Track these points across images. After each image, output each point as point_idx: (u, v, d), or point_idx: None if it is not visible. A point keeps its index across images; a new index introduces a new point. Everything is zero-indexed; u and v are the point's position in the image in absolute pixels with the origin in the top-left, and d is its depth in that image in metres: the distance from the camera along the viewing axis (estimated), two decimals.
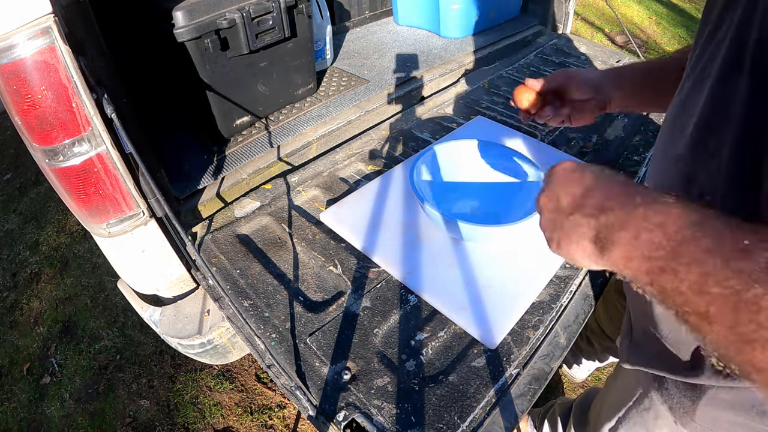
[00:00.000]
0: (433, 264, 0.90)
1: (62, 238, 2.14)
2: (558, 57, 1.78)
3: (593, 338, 1.33)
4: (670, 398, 0.60)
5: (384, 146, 1.31)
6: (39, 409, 1.52)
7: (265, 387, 1.52)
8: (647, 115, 1.40)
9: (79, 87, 0.70)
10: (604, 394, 0.88)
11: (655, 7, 4.29)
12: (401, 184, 1.09)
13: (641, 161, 1.20)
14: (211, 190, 1.16)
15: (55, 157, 0.74)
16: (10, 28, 0.63)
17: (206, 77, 1.17)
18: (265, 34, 1.22)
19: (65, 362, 1.64)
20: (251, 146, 1.29)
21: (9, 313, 1.84)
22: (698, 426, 0.57)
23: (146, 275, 0.99)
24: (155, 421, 1.45)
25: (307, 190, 1.15)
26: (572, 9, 1.96)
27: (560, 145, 1.28)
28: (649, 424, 0.67)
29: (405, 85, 1.57)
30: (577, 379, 1.50)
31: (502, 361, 0.76)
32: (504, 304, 0.82)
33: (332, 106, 1.44)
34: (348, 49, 1.82)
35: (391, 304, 0.86)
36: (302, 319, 0.84)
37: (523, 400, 0.72)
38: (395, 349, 0.79)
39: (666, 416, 0.62)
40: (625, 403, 0.71)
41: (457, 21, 1.83)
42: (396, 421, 0.68)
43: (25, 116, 0.69)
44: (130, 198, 0.84)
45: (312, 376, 0.75)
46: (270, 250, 0.99)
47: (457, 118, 1.42)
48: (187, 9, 1.07)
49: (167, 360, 1.62)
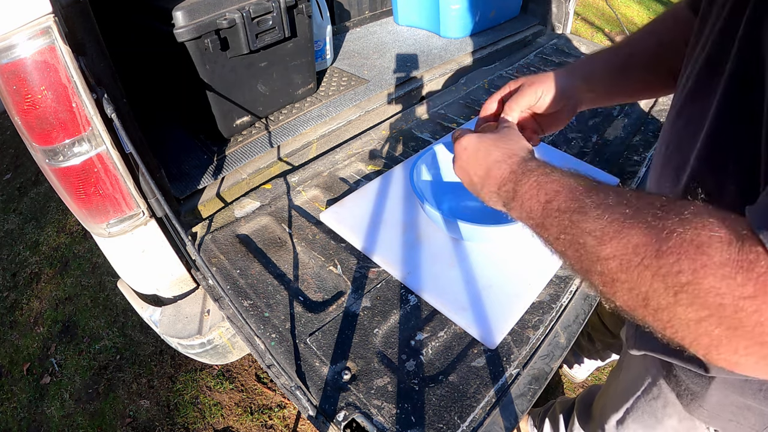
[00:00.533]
0: (433, 264, 0.90)
1: (62, 238, 2.14)
2: (558, 57, 1.78)
3: (595, 335, 1.33)
4: (678, 385, 0.60)
5: (384, 146, 1.31)
6: (39, 409, 1.52)
7: (265, 387, 1.52)
8: (647, 115, 1.40)
9: (79, 87, 0.70)
10: (608, 388, 0.88)
11: (655, 7, 4.29)
12: (401, 184, 1.09)
13: (641, 161, 1.20)
14: (211, 190, 1.16)
15: (55, 157, 0.74)
16: (10, 28, 0.63)
17: (206, 77, 1.17)
18: (265, 34, 1.22)
19: (65, 362, 1.64)
20: (251, 146, 1.29)
21: (9, 313, 1.84)
22: (705, 411, 0.57)
23: (146, 275, 0.99)
24: (155, 421, 1.45)
25: (307, 190, 1.15)
26: (572, 9, 1.96)
27: (560, 145, 1.28)
28: (658, 412, 0.67)
29: (405, 85, 1.57)
30: (577, 379, 1.50)
31: (502, 361, 0.76)
32: (504, 304, 0.82)
33: (332, 106, 1.44)
34: (348, 49, 1.82)
35: (391, 304, 0.86)
36: (302, 319, 0.84)
37: (523, 400, 0.72)
38: (395, 349, 0.79)
39: (675, 403, 0.62)
40: (633, 393, 0.71)
41: (457, 21, 1.83)
42: (396, 421, 0.68)
43: (25, 116, 0.69)
44: (130, 198, 0.84)
45: (312, 376, 0.75)
46: (270, 250, 0.99)
47: (457, 118, 1.42)
48: (187, 9, 1.07)
49: (167, 360, 1.62)
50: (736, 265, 0.29)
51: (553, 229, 0.43)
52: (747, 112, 0.37)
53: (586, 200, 0.40)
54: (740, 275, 0.28)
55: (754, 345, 0.29)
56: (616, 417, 0.78)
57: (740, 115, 0.39)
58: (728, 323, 0.29)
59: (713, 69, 0.43)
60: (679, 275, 0.31)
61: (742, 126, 0.39)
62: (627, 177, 1.15)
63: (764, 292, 0.28)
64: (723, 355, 0.31)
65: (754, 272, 0.28)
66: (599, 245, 0.36)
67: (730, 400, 0.54)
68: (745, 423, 0.54)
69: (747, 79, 0.37)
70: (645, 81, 0.67)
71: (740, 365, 0.31)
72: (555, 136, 1.32)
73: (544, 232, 0.45)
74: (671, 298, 0.31)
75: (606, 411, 0.82)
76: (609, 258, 0.35)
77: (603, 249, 0.36)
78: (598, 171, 1.13)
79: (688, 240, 0.31)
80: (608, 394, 0.85)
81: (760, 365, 0.30)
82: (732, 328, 0.29)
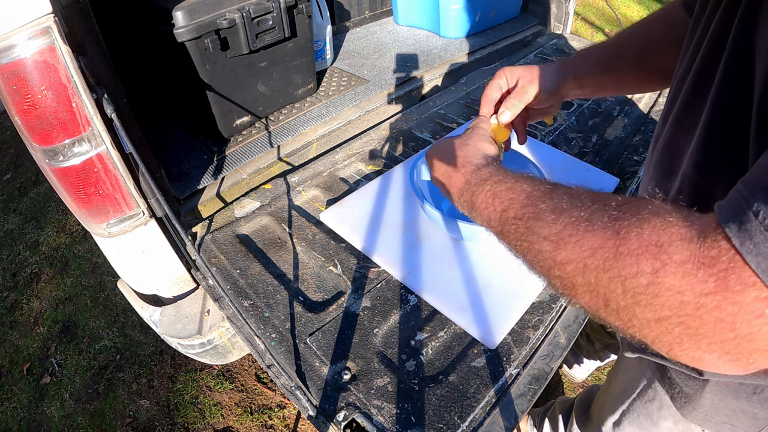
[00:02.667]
0: (433, 264, 0.90)
1: (62, 238, 2.14)
2: (558, 57, 1.78)
3: (593, 336, 1.33)
4: (672, 388, 0.60)
5: (384, 146, 1.31)
6: (39, 409, 1.52)
7: (265, 387, 1.52)
8: (647, 115, 1.40)
9: (79, 87, 0.70)
10: (606, 389, 0.88)
11: (655, 7, 4.29)
12: (401, 184, 1.09)
13: (641, 161, 1.20)
14: (211, 190, 1.16)
15: (55, 157, 0.74)
16: (10, 28, 0.63)
17: (206, 77, 1.17)
18: (265, 34, 1.22)
19: (65, 362, 1.64)
20: (251, 146, 1.29)
21: (9, 313, 1.84)
22: (700, 414, 0.57)
23: (146, 275, 0.99)
24: (155, 421, 1.45)
25: (307, 190, 1.15)
26: (572, 9, 1.96)
27: (560, 145, 1.28)
28: (654, 415, 0.67)
29: (405, 85, 1.57)
30: (577, 379, 1.50)
31: (502, 361, 0.76)
32: (504, 304, 0.82)
33: (332, 106, 1.44)
34: (348, 49, 1.82)
35: (391, 304, 0.86)
36: (302, 319, 0.84)
37: (523, 400, 0.72)
38: (395, 349, 0.79)
39: (669, 406, 0.62)
40: (629, 395, 0.71)
41: (457, 21, 1.83)
42: (396, 421, 0.68)
43: (25, 116, 0.69)
44: (130, 198, 0.84)
45: (312, 376, 0.75)
46: (270, 250, 0.99)
47: (457, 118, 1.42)
48: (187, 9, 1.07)
49: (167, 360, 1.62)
50: (698, 262, 0.28)
51: (511, 237, 0.43)
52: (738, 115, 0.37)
53: (540, 205, 0.40)
54: (701, 271, 0.28)
55: (717, 341, 0.29)
56: (612, 419, 0.78)
57: (731, 118, 0.38)
58: (689, 321, 0.29)
59: (705, 71, 0.43)
60: (638, 276, 0.30)
61: (732, 129, 0.38)
62: (627, 177, 1.15)
63: (725, 287, 0.27)
64: (686, 352, 0.31)
65: (716, 267, 0.28)
66: (555, 250, 0.36)
67: (724, 403, 0.54)
68: (739, 425, 0.54)
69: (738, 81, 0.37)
70: (633, 79, 0.69)
71: (703, 361, 0.30)
72: (555, 136, 1.32)
73: (504, 239, 0.45)
74: (630, 300, 0.31)
75: (603, 413, 0.82)
76: (565, 262, 0.35)
77: (559, 253, 0.36)
78: (598, 171, 1.13)
79: (647, 239, 0.31)
80: (606, 395, 0.85)
81: (723, 360, 0.30)
82: (693, 326, 0.29)
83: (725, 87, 0.38)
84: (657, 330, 0.31)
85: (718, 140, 0.40)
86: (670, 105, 0.50)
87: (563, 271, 0.36)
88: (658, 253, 0.30)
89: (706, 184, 0.41)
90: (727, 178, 0.38)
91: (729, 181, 0.38)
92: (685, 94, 0.46)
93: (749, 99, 0.34)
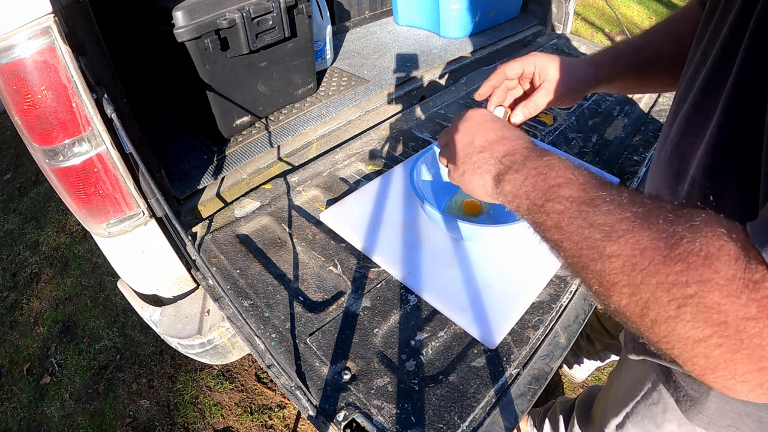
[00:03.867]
0: (433, 264, 0.90)
1: (62, 238, 2.14)
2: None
3: (594, 336, 1.33)
4: (677, 391, 0.60)
5: (384, 146, 1.31)
6: (39, 409, 1.52)
7: (265, 387, 1.52)
8: (647, 115, 1.40)
9: (79, 87, 0.70)
10: (607, 390, 0.88)
11: (655, 7, 4.29)
12: (401, 184, 1.09)
13: (641, 161, 1.20)
14: (211, 190, 1.16)
15: (55, 157, 0.74)
16: (10, 28, 0.63)
17: (206, 77, 1.17)
18: (265, 34, 1.22)
19: (65, 362, 1.65)
20: (251, 146, 1.29)
21: (9, 313, 1.84)
22: (705, 417, 0.57)
23: (146, 275, 0.99)
24: (155, 421, 1.45)
25: (307, 190, 1.15)
26: (572, 9, 1.96)
27: (560, 145, 1.28)
28: (658, 417, 0.67)
29: (405, 85, 1.57)
30: (577, 379, 1.50)
31: (502, 361, 0.76)
32: (504, 304, 0.82)
33: (332, 106, 1.44)
34: (348, 49, 1.82)
35: (391, 304, 0.86)
36: (302, 319, 0.84)
37: (523, 400, 0.72)
38: (395, 349, 0.79)
39: (674, 409, 0.62)
40: (633, 398, 0.71)
41: (457, 21, 1.83)
42: (396, 421, 0.68)
43: (25, 116, 0.69)
44: (130, 198, 0.84)
45: (312, 376, 0.75)
46: (270, 250, 0.99)
47: None
48: (187, 9, 1.07)
49: (167, 360, 1.62)
50: (742, 284, 0.27)
51: (554, 216, 0.40)
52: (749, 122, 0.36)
53: (598, 192, 0.38)
54: (745, 294, 0.27)
55: (753, 371, 0.28)
56: (615, 421, 0.78)
57: (743, 124, 0.37)
58: (729, 345, 0.28)
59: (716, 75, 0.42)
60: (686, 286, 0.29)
61: (744, 135, 0.37)
62: (627, 177, 1.15)
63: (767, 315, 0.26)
64: (720, 379, 0.30)
65: (759, 293, 0.27)
66: (605, 240, 0.34)
67: (730, 407, 0.53)
68: (744, 429, 0.54)
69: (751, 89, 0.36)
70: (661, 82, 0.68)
71: (735, 390, 0.29)
72: (555, 136, 1.32)
73: (542, 217, 0.42)
74: (673, 311, 0.30)
75: (606, 415, 0.82)
76: (613, 256, 0.33)
77: (609, 245, 0.34)
78: (598, 171, 1.12)
79: (697, 249, 0.29)
80: (608, 397, 0.85)
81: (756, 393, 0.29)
82: (732, 350, 0.28)
83: (737, 94, 0.38)
84: (694, 351, 0.30)
85: (729, 145, 0.39)
86: (677, 106, 0.49)
87: (607, 266, 0.34)
88: (705, 265, 0.29)
89: (716, 188, 0.41)
90: (738, 183, 0.38)
91: (739, 186, 0.38)
92: (694, 97, 0.45)
93: (761, 107, 0.34)
